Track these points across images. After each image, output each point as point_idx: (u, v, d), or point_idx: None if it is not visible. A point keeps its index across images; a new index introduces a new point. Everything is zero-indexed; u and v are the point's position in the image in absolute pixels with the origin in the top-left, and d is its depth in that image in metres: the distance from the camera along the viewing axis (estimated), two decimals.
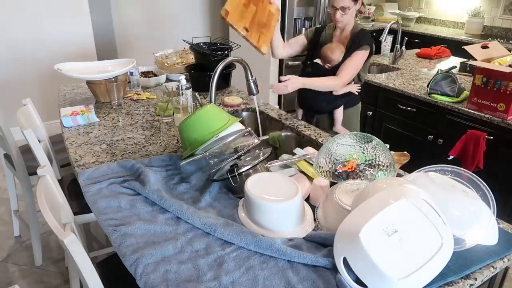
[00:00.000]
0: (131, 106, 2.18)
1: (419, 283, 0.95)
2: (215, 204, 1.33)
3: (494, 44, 2.58)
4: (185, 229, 1.20)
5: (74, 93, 2.39)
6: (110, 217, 1.23)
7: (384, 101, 2.82)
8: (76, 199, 1.80)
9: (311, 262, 1.05)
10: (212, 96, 1.82)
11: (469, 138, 2.28)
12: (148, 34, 4.33)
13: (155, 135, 1.84)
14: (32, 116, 2.03)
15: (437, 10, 5.01)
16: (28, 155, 2.11)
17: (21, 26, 3.43)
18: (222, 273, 1.03)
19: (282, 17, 3.90)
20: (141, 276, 1.02)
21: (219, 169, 1.42)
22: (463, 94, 2.41)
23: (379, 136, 1.44)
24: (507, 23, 4.38)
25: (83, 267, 1.07)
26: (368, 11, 5.04)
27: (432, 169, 1.24)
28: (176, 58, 2.77)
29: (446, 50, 3.51)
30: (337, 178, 1.32)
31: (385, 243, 0.94)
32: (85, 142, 1.75)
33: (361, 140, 1.35)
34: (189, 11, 4.52)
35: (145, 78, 2.50)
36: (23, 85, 3.60)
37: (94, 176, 1.45)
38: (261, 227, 1.18)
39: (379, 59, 3.39)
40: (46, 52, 3.61)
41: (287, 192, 1.18)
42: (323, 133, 1.88)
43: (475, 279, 1.03)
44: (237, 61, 1.81)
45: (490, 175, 2.26)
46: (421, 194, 1.03)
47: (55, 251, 2.37)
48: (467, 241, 1.09)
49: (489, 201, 1.14)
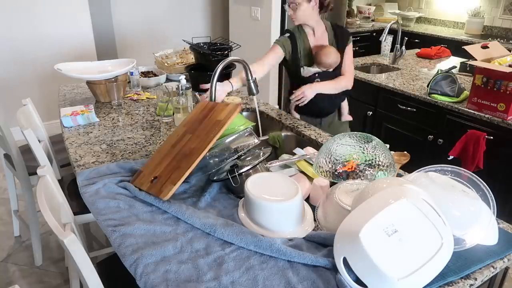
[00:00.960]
0: (131, 106, 2.18)
1: (419, 283, 0.95)
2: (215, 204, 1.33)
3: (494, 44, 2.58)
4: (185, 229, 1.20)
5: (74, 93, 2.39)
6: (109, 217, 1.22)
7: (384, 101, 2.82)
8: (76, 199, 1.80)
9: (311, 262, 1.05)
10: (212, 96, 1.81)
11: (469, 138, 2.28)
12: (148, 34, 4.33)
13: (155, 135, 1.84)
14: (32, 116, 2.03)
15: (437, 10, 5.01)
16: (28, 155, 2.11)
17: (21, 26, 3.43)
18: (222, 273, 1.03)
19: (282, 17, 3.89)
20: (141, 276, 1.02)
21: (219, 169, 1.42)
22: (463, 94, 2.41)
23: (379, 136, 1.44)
24: (507, 23, 4.38)
25: (83, 267, 1.07)
26: (368, 11, 5.04)
27: (432, 169, 1.24)
28: (176, 58, 2.77)
29: (446, 50, 3.51)
30: (337, 178, 1.32)
31: (385, 243, 0.94)
32: (85, 142, 1.75)
33: (361, 140, 1.35)
34: (189, 11, 4.51)
35: (145, 78, 2.50)
36: (23, 85, 3.60)
37: (93, 177, 1.45)
38: (261, 227, 1.18)
39: (379, 59, 3.39)
40: (46, 52, 3.61)
41: (287, 192, 1.18)
42: (323, 133, 1.88)
43: (475, 279, 1.03)
44: (237, 61, 1.81)
45: (490, 175, 2.26)
46: (421, 194, 1.03)
47: (55, 251, 2.37)
48: (467, 241, 1.09)
49: (489, 201, 1.14)
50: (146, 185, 1.36)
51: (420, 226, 0.97)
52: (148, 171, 1.41)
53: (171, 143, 1.49)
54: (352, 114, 2.31)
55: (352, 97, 3.01)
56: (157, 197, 1.30)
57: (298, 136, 1.92)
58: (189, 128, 1.51)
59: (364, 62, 3.32)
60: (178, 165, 1.35)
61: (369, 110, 2.92)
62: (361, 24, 4.93)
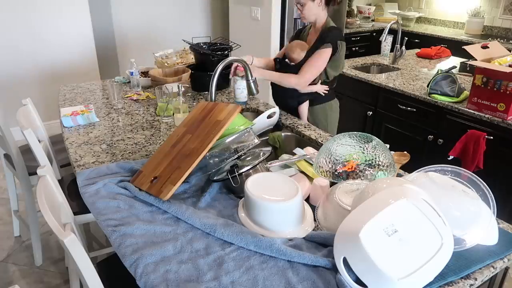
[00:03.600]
0: (131, 106, 2.18)
1: (419, 283, 0.95)
2: (215, 204, 1.33)
3: (494, 44, 2.58)
4: (185, 229, 1.20)
5: (74, 93, 2.39)
6: (109, 217, 1.22)
7: (384, 101, 2.82)
8: (76, 199, 1.80)
9: (311, 262, 1.05)
10: (212, 96, 1.82)
11: (469, 138, 2.28)
12: (148, 34, 4.33)
13: (155, 135, 1.84)
14: (32, 116, 2.03)
15: (437, 10, 5.01)
16: (28, 155, 2.11)
17: (21, 26, 3.43)
18: (222, 273, 1.03)
19: (282, 17, 3.89)
20: (141, 276, 1.02)
21: (219, 169, 1.42)
22: (463, 94, 2.41)
23: (379, 136, 1.44)
24: (507, 23, 4.38)
25: (83, 267, 1.07)
26: (368, 11, 5.04)
27: (432, 169, 1.24)
28: (176, 58, 2.77)
29: (446, 50, 3.51)
30: (337, 178, 1.32)
31: (385, 243, 0.94)
32: (85, 142, 1.75)
33: (361, 140, 1.35)
34: (189, 11, 4.52)
35: (145, 78, 2.50)
36: (23, 85, 3.60)
37: (93, 177, 1.45)
38: (261, 227, 1.18)
39: (379, 59, 3.39)
40: (46, 52, 3.61)
41: (287, 192, 1.18)
42: (323, 133, 1.88)
43: (475, 279, 1.03)
44: (237, 61, 1.81)
45: (490, 175, 2.26)
46: (421, 194, 1.03)
47: (55, 251, 2.37)
48: (467, 241, 1.09)
49: (489, 201, 1.14)
50: (146, 185, 1.36)
51: (420, 226, 0.97)
52: (148, 171, 1.41)
53: (171, 143, 1.49)
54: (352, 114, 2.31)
55: (352, 97, 3.02)
56: (157, 197, 1.30)
57: (298, 136, 1.92)
58: (189, 128, 1.51)
59: (364, 62, 3.32)
60: (178, 165, 1.35)
61: (369, 110, 2.92)
62: (361, 24, 4.93)
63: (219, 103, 1.54)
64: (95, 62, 3.85)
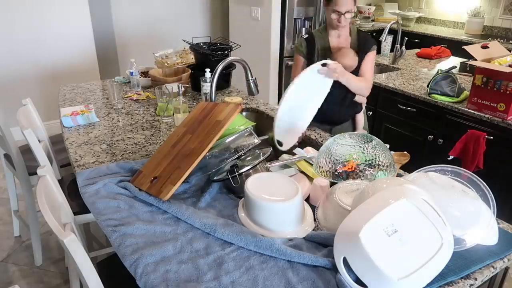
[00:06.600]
0: (131, 106, 2.18)
1: (419, 283, 0.95)
2: (215, 204, 1.33)
3: (494, 44, 2.58)
4: (185, 229, 1.20)
5: (74, 93, 2.39)
6: (109, 217, 1.22)
7: (384, 101, 2.82)
8: (76, 199, 1.80)
9: (311, 262, 1.05)
10: (212, 96, 1.82)
11: (469, 138, 2.28)
12: (148, 34, 4.33)
13: (155, 135, 1.84)
14: (32, 116, 2.03)
15: (437, 10, 5.01)
16: (28, 155, 2.11)
17: (21, 26, 3.43)
18: (222, 273, 1.03)
19: (282, 17, 3.89)
20: (141, 276, 1.02)
21: (219, 169, 1.42)
22: (463, 94, 2.41)
23: (379, 136, 1.44)
24: (507, 23, 4.38)
25: (83, 267, 1.07)
26: (368, 11, 5.04)
27: (432, 169, 1.24)
28: (176, 58, 2.77)
29: (446, 50, 3.51)
30: (337, 178, 1.32)
31: (385, 243, 0.94)
32: (85, 142, 1.75)
33: (361, 140, 1.35)
34: (189, 11, 4.52)
35: (145, 78, 2.50)
36: (23, 85, 3.60)
37: (93, 177, 1.45)
38: (261, 227, 1.18)
39: (379, 59, 3.39)
40: (46, 52, 3.61)
41: (287, 192, 1.18)
42: (323, 133, 1.88)
43: (475, 279, 1.03)
44: (237, 61, 1.81)
45: (490, 175, 2.25)
46: (421, 194, 1.03)
47: (55, 251, 2.37)
48: (467, 241, 1.09)
49: (489, 201, 1.14)
50: (146, 185, 1.36)
51: (420, 226, 0.97)
52: (148, 171, 1.41)
53: (171, 143, 1.49)
54: None
55: None
56: (157, 197, 1.30)
57: None
58: (189, 128, 1.51)
59: None
60: (178, 165, 1.35)
61: (369, 110, 2.92)
62: (361, 24, 4.93)
63: (219, 103, 1.54)
64: (95, 62, 3.85)
